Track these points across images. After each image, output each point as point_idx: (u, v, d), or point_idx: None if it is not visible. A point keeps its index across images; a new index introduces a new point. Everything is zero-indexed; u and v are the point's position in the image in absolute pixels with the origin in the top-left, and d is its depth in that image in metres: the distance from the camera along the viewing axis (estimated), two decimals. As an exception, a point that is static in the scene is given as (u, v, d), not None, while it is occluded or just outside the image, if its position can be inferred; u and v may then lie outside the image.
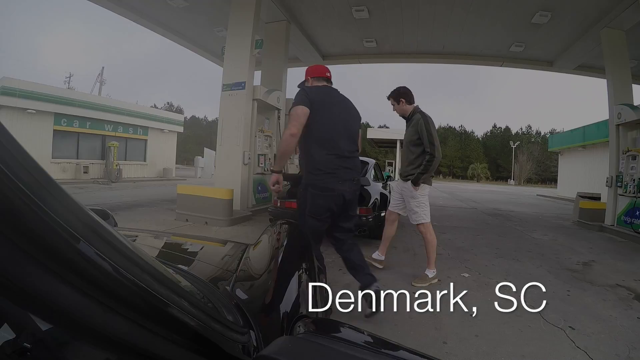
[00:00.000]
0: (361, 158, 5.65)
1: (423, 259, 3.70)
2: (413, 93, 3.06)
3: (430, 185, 3.04)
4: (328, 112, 2.07)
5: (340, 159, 2.06)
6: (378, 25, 7.92)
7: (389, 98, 3.10)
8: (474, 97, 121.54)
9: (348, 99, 2.25)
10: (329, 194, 2.02)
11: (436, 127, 3.06)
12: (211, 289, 0.65)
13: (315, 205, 2.03)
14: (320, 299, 0.93)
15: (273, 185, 2.10)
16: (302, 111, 1.97)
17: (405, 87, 3.07)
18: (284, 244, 1.09)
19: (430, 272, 2.97)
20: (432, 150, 2.84)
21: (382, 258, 3.27)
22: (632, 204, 5.77)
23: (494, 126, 58.21)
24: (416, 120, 2.94)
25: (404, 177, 3.02)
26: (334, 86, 2.28)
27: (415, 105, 3.05)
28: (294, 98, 2.09)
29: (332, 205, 2.04)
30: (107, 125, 14.57)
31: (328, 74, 2.26)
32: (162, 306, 0.34)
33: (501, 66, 9.77)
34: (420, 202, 2.97)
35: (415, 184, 2.89)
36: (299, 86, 2.27)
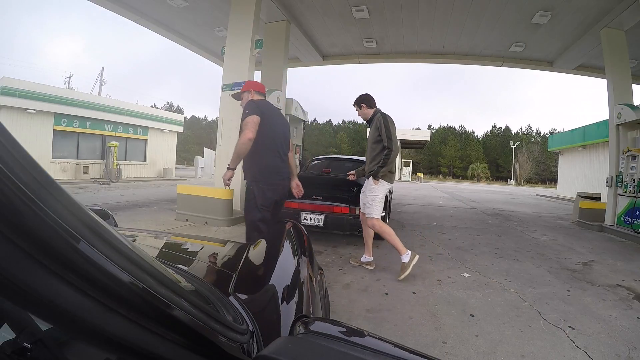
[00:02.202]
0: (360, 158, 5.64)
1: (423, 258, 3.70)
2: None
3: (391, 183, 3.17)
4: (273, 122, 2.51)
5: (281, 160, 2.56)
6: (378, 25, 7.92)
7: (353, 105, 3.36)
8: (474, 97, 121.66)
9: (279, 110, 2.64)
10: (275, 188, 2.49)
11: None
12: (211, 289, 0.65)
13: (265, 197, 2.44)
14: (321, 299, 0.93)
15: (228, 180, 2.43)
16: (257, 120, 2.37)
17: (366, 93, 3.32)
18: (284, 243, 1.09)
19: (405, 257, 3.02)
20: (390, 145, 3.02)
21: (371, 259, 3.29)
22: (632, 204, 5.76)
23: (494, 126, 58.32)
24: (376, 119, 3.16)
25: (368, 173, 3.17)
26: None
27: (375, 108, 3.29)
28: (244, 109, 2.48)
29: (277, 196, 2.52)
30: (107, 125, 14.57)
31: (264, 91, 2.75)
32: (162, 306, 0.34)
33: (501, 66, 9.76)
34: (376, 197, 3.09)
35: (375, 177, 3.05)
36: (234, 96, 2.74)
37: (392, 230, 3.13)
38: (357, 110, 3.33)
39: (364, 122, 3.36)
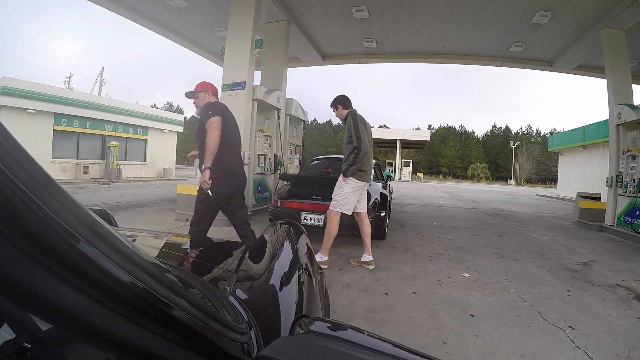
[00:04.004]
0: None
1: (423, 259, 3.71)
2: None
3: (362, 181, 3.24)
4: (230, 123, 2.73)
5: (238, 158, 2.82)
6: (378, 25, 7.92)
7: (330, 106, 3.47)
8: (473, 97, 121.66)
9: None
10: (230, 184, 2.70)
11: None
12: (211, 289, 0.65)
13: (219, 193, 2.63)
14: (321, 299, 0.93)
15: (208, 180, 2.52)
16: (220, 120, 2.58)
17: (342, 95, 3.44)
18: (284, 243, 1.09)
19: (319, 257, 3.18)
20: (358, 144, 3.13)
21: (370, 258, 3.31)
22: (632, 204, 5.76)
23: (494, 126, 58.24)
24: (347, 121, 3.27)
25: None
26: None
27: (350, 109, 3.38)
28: (204, 110, 2.66)
29: (231, 191, 2.72)
30: (107, 125, 14.57)
31: (217, 93, 2.94)
32: (162, 306, 0.34)
33: (501, 66, 9.76)
34: (342, 192, 3.22)
35: (344, 174, 3.18)
36: (187, 95, 2.83)
37: (335, 233, 3.25)
38: (334, 111, 3.45)
39: (342, 121, 3.47)
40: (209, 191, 2.56)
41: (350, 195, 3.21)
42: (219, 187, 2.63)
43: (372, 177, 4.68)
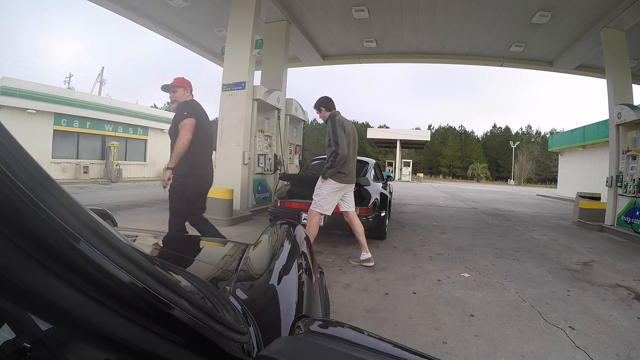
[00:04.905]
0: (360, 158, 5.67)
1: (423, 259, 3.71)
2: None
3: (344, 183, 3.28)
4: (204, 122, 2.77)
5: (209, 158, 2.87)
6: (378, 25, 7.92)
7: (314, 108, 3.51)
8: (473, 97, 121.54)
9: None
10: (202, 181, 2.77)
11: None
12: (211, 289, 0.65)
13: (194, 191, 2.71)
14: (321, 299, 0.93)
15: (168, 180, 2.62)
16: (194, 122, 2.63)
17: (325, 97, 3.48)
18: (284, 243, 1.09)
19: None
20: (336, 148, 3.20)
21: (369, 255, 3.32)
22: (632, 204, 5.76)
23: (494, 126, 58.17)
24: (328, 124, 3.33)
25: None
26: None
27: (332, 111, 3.41)
28: (179, 109, 2.69)
29: (203, 189, 2.81)
30: (107, 125, 14.56)
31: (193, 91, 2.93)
32: (161, 306, 0.34)
33: (501, 66, 9.77)
34: (321, 192, 3.28)
35: (323, 176, 3.27)
36: (164, 88, 2.84)
37: (314, 233, 3.28)
38: (317, 113, 3.48)
39: (325, 123, 3.51)
40: (163, 187, 2.64)
41: (328, 196, 3.25)
42: (195, 185, 2.71)
43: (371, 178, 4.68)
